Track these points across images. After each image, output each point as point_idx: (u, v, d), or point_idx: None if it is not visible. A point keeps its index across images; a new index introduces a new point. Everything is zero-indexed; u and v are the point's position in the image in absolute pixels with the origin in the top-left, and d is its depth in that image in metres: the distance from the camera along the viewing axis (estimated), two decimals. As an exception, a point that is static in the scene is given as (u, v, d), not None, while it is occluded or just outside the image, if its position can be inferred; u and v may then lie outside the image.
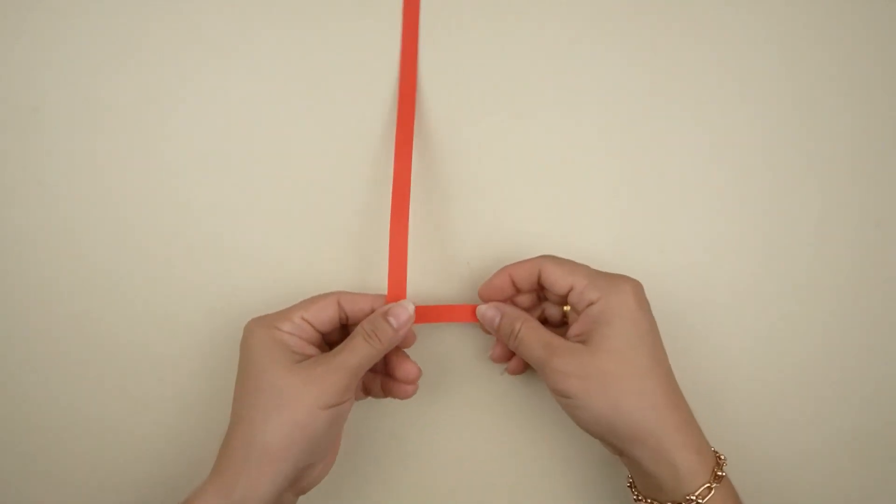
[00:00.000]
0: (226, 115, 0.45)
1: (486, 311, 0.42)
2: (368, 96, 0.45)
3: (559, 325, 0.44)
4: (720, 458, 0.39)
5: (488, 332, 0.43)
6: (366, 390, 0.44)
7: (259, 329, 0.39)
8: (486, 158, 0.45)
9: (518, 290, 0.43)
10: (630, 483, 0.41)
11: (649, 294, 0.44)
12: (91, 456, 0.47)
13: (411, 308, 0.41)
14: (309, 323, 0.40)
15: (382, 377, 0.43)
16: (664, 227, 0.45)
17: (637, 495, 0.40)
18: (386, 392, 0.43)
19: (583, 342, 0.39)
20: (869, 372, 0.47)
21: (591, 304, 0.39)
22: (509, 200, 0.45)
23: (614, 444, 0.39)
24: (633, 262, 0.46)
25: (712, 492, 0.37)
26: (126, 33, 0.44)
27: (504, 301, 0.43)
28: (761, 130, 0.45)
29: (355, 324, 0.41)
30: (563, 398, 0.39)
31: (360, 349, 0.39)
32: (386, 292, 0.42)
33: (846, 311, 0.46)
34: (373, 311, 0.41)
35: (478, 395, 0.47)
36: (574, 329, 0.40)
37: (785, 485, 0.48)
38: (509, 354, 0.44)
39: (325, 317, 0.41)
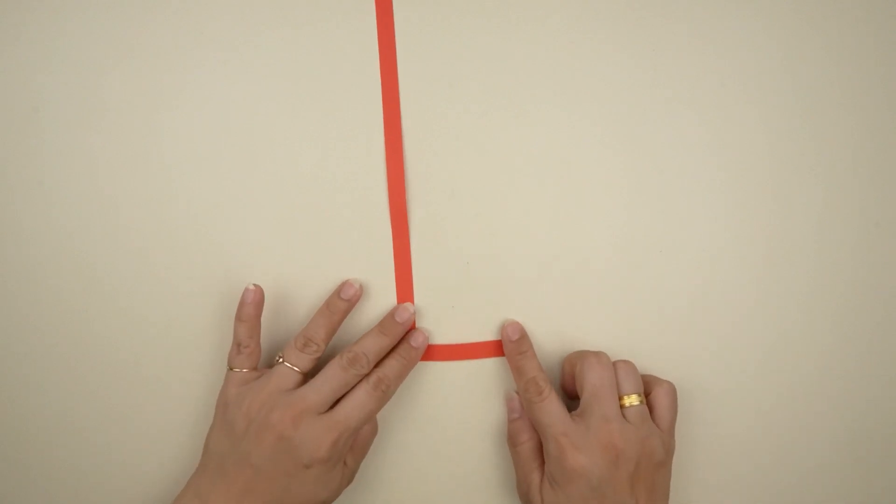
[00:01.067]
0: (225, 116, 0.45)
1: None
2: (365, 95, 0.45)
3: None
4: None
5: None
6: None
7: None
8: (485, 158, 0.45)
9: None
10: None
11: (648, 294, 0.43)
12: (89, 455, 0.48)
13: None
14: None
15: None
16: (665, 227, 0.45)
17: None
18: None
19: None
20: (870, 372, 0.47)
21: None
22: (509, 200, 0.45)
23: None
24: (633, 262, 0.46)
25: None
26: (125, 34, 0.44)
27: None
28: (762, 130, 0.45)
29: None
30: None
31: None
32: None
33: (846, 311, 0.46)
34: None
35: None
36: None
37: (788, 486, 0.48)
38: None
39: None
